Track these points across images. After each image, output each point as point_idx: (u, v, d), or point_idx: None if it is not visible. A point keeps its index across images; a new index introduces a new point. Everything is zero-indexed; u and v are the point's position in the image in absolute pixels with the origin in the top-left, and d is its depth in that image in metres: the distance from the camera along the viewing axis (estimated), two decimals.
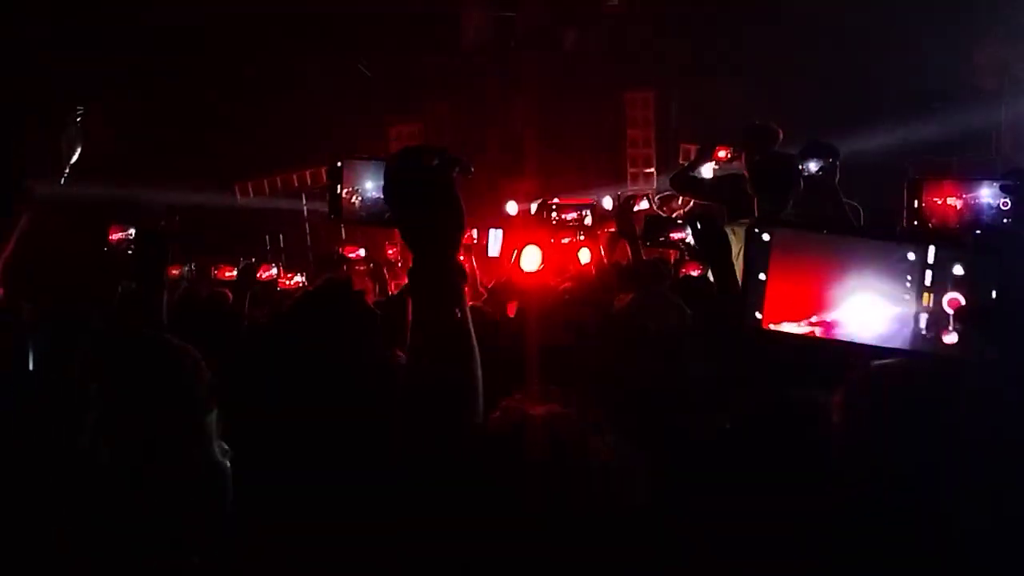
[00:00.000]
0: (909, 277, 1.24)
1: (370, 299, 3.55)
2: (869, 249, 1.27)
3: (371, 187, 1.52)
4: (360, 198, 1.53)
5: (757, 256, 1.30)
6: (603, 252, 4.66)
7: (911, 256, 1.24)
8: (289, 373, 1.86)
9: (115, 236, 3.51)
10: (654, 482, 1.19)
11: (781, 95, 8.66)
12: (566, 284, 3.01)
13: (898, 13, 9.50)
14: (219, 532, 1.22)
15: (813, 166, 3.45)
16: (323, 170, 11.62)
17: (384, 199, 1.35)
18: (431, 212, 1.26)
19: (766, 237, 1.31)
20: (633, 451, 1.17)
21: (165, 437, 1.19)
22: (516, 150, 12.25)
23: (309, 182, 11.97)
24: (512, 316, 2.83)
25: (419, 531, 1.10)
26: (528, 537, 1.09)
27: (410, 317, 1.28)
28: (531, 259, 3.31)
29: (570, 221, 4.26)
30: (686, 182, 4.79)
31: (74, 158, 9.46)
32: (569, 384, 1.30)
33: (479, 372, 1.27)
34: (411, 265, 1.29)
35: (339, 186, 1.54)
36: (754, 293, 1.30)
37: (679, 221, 3.72)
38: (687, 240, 3.44)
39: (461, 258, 1.33)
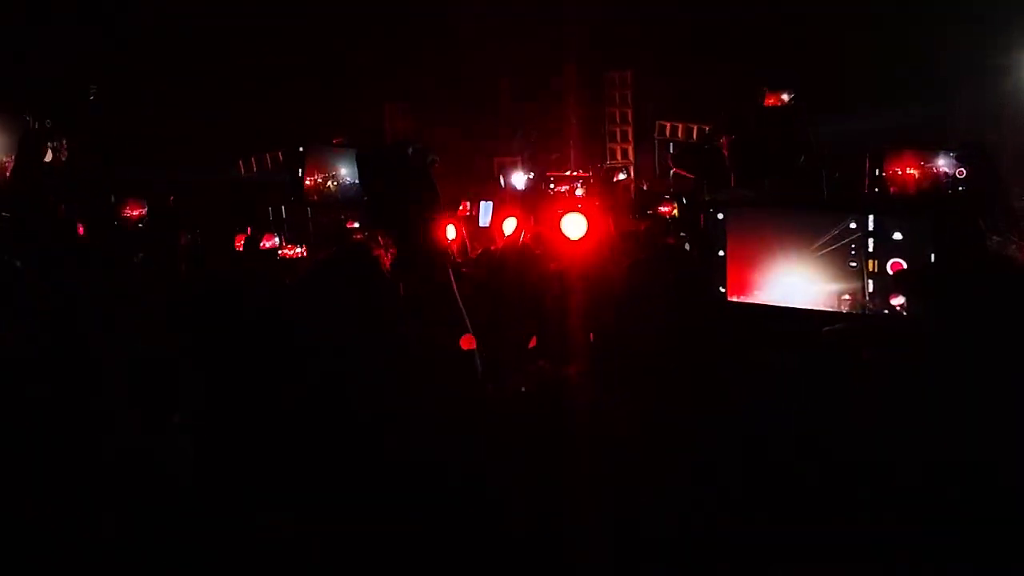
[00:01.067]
0: (854, 246, 1.25)
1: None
2: (815, 221, 1.27)
3: (346, 172, 1.47)
4: (336, 183, 1.47)
5: (714, 235, 1.33)
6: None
7: (853, 226, 1.25)
8: (314, 331, 1.70)
9: (132, 212, 3.66)
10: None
11: (755, 78, 8.56)
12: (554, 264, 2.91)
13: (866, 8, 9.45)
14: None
15: (786, 97, 3.57)
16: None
17: (360, 183, 1.30)
18: (411, 195, 1.26)
19: (720, 216, 1.33)
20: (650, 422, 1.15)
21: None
22: (503, 128, 12.12)
23: None
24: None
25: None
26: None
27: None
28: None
29: (564, 192, 4.26)
30: (683, 161, 4.92)
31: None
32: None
33: (471, 337, 1.26)
34: (395, 250, 1.29)
35: (300, 170, 1.48)
36: (716, 269, 1.32)
37: (666, 196, 3.78)
38: (674, 213, 3.48)
39: (451, 237, 1.37)
